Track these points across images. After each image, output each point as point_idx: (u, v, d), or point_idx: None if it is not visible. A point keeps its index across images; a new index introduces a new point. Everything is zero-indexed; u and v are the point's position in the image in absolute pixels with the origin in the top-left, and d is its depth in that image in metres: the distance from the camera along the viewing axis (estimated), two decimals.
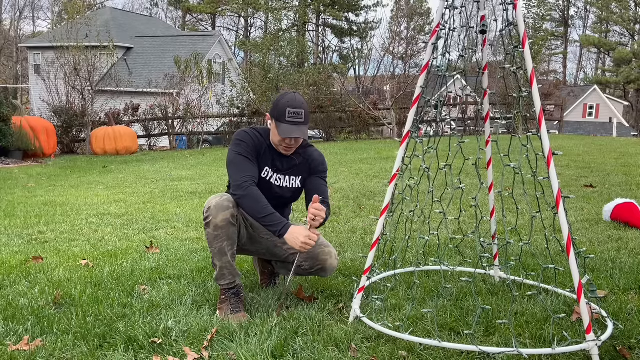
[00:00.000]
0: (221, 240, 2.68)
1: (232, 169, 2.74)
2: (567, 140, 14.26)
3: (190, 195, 6.88)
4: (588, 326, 2.16)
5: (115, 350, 2.31)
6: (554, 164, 2.25)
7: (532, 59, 2.36)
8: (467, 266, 3.34)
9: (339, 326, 2.49)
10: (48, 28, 41.03)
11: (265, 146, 2.82)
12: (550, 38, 49.68)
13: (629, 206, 4.35)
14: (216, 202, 2.69)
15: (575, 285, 2.19)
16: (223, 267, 2.72)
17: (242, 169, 2.71)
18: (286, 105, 2.66)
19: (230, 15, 49.22)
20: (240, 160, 2.73)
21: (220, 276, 2.74)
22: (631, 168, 7.76)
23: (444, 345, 2.23)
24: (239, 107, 18.14)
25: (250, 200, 2.64)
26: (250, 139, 2.78)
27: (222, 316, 2.66)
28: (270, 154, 2.83)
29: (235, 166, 2.73)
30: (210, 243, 2.71)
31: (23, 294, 3.04)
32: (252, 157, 2.76)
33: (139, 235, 4.58)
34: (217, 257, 2.71)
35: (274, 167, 2.84)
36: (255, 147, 2.78)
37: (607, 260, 3.40)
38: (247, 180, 2.68)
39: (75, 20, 17.09)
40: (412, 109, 2.53)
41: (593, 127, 34.93)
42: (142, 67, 27.80)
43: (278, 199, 2.87)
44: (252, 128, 2.88)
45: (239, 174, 2.70)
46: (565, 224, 2.22)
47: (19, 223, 5.25)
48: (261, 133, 2.84)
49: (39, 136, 13.16)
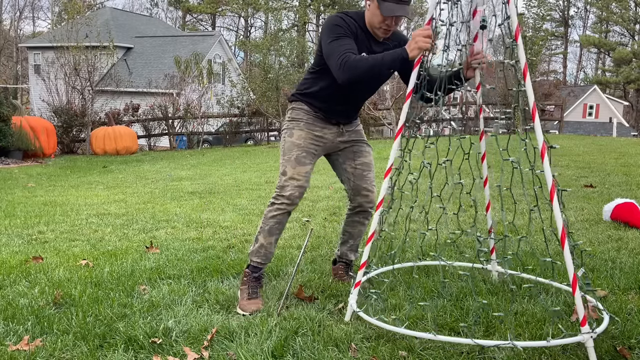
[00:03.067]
0: (276, 221, 2.79)
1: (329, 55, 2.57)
2: (567, 140, 14.26)
3: (190, 195, 6.87)
4: (583, 318, 2.15)
5: (115, 350, 2.31)
6: (548, 157, 2.24)
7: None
8: (465, 262, 3.33)
9: (339, 326, 2.49)
10: (48, 28, 41.03)
11: (359, 30, 2.66)
12: (550, 38, 49.67)
13: (629, 206, 4.34)
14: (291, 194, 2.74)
15: (570, 277, 2.18)
16: (263, 246, 2.83)
17: (341, 48, 2.53)
18: None
19: (230, 15, 49.25)
20: (336, 42, 2.56)
21: (256, 252, 2.85)
22: (631, 168, 7.76)
23: (439, 338, 2.23)
24: (239, 107, 18.14)
25: (360, 65, 2.48)
26: (344, 23, 2.62)
27: (240, 298, 2.77)
28: (367, 38, 2.68)
29: (332, 50, 2.55)
30: (266, 218, 2.81)
31: (23, 294, 3.04)
32: (349, 37, 2.60)
33: (139, 235, 4.58)
34: (264, 235, 2.82)
35: (370, 52, 2.67)
36: (352, 31, 2.63)
37: (607, 260, 3.40)
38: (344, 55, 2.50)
39: (75, 20, 17.08)
40: (406, 103, 2.52)
41: (593, 127, 34.92)
42: (142, 67, 27.80)
43: (366, 87, 2.82)
44: (344, 12, 2.71)
45: (338, 52, 2.52)
46: (559, 216, 2.21)
47: (19, 223, 5.24)
48: (353, 17, 2.68)
49: (39, 136, 13.16)
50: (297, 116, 2.88)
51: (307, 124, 2.85)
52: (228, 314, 2.70)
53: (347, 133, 2.94)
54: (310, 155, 2.84)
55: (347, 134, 2.94)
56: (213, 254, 3.81)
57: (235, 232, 4.58)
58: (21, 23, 49.75)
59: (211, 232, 4.58)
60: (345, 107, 2.87)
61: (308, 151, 2.83)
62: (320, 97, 2.83)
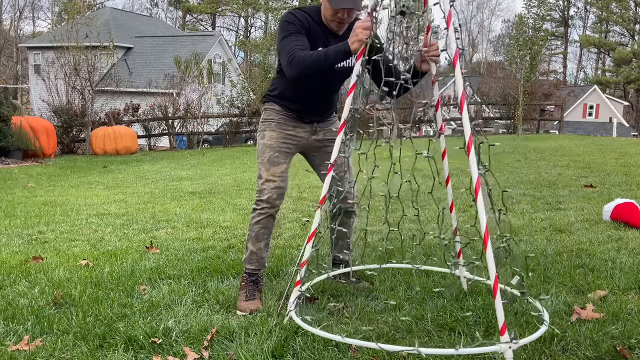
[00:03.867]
0: (260, 227, 2.80)
1: (280, 52, 2.57)
2: (567, 140, 14.26)
3: (190, 195, 6.87)
4: (502, 326, 2.02)
5: (115, 350, 2.31)
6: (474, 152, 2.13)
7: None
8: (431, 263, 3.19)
9: (339, 326, 2.49)
10: (48, 28, 41.02)
11: (315, 25, 2.67)
12: (550, 38, 49.65)
13: (629, 206, 4.34)
14: (269, 197, 2.74)
15: (491, 281, 2.05)
16: (254, 253, 2.85)
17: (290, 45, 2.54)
18: None
19: (230, 15, 49.25)
20: (287, 40, 2.56)
21: (248, 260, 2.87)
22: (631, 168, 7.75)
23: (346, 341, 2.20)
24: (239, 107, 18.13)
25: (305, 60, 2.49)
26: (296, 19, 2.62)
27: (239, 300, 2.79)
28: (322, 33, 2.68)
29: (283, 47, 2.56)
30: (251, 225, 2.82)
31: (23, 294, 3.04)
32: (302, 34, 2.60)
33: (139, 235, 4.58)
34: (252, 241, 2.83)
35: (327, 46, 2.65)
36: (304, 27, 2.62)
37: (607, 260, 3.40)
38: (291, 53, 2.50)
39: (75, 20, 17.06)
40: (349, 97, 2.48)
41: (593, 127, 34.91)
42: (142, 67, 27.79)
43: (330, 82, 2.80)
44: (298, 8, 2.73)
45: (287, 48, 2.53)
46: (483, 215, 2.07)
47: (19, 223, 5.24)
48: (308, 12, 2.69)
49: (39, 136, 13.16)
50: (268, 117, 2.87)
51: (279, 124, 2.84)
52: (228, 314, 2.70)
53: (322, 132, 2.92)
54: (283, 154, 2.82)
55: (322, 132, 2.92)
56: (213, 254, 3.81)
57: (235, 232, 4.58)
58: (21, 23, 49.75)
59: (211, 232, 4.58)
60: (315, 104, 2.85)
61: (280, 151, 2.81)
62: (289, 96, 2.82)
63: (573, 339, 2.31)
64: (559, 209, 5.09)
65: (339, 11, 2.58)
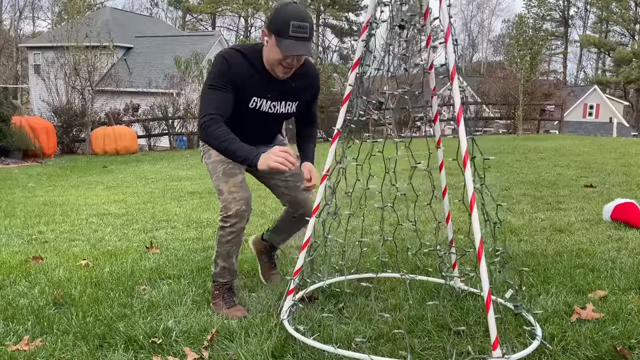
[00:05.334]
0: (231, 245, 2.66)
1: (201, 104, 2.47)
2: (567, 140, 14.27)
3: (190, 195, 6.87)
4: (495, 341, 2.02)
5: (115, 350, 2.31)
6: (470, 166, 2.13)
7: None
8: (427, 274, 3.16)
9: (339, 326, 2.49)
10: (48, 28, 41.02)
11: (253, 72, 2.47)
12: (550, 38, 49.66)
13: (629, 206, 4.34)
14: (237, 210, 2.55)
15: (485, 293, 2.06)
16: (225, 268, 2.74)
17: (209, 104, 2.42)
18: (289, 18, 2.31)
19: (230, 15, 49.25)
20: (209, 93, 2.43)
21: (220, 274, 2.76)
22: (631, 168, 7.75)
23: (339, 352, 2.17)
24: None
25: (213, 138, 2.38)
26: (228, 70, 2.43)
27: (219, 312, 2.68)
28: (261, 79, 2.49)
29: (204, 100, 2.44)
30: (221, 244, 2.67)
31: (23, 294, 3.04)
32: (229, 89, 2.44)
33: (139, 235, 4.58)
34: (223, 258, 2.71)
35: (265, 95, 2.54)
36: (236, 76, 2.44)
37: (607, 260, 3.40)
38: (212, 117, 2.38)
39: (75, 20, 17.06)
40: (343, 107, 2.46)
41: (593, 127, 34.90)
42: (142, 67, 27.78)
43: (267, 126, 2.69)
44: (235, 50, 2.50)
45: (204, 108, 2.42)
46: (477, 229, 2.07)
47: (19, 223, 5.24)
48: (246, 54, 2.48)
49: (39, 136, 13.15)
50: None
51: None
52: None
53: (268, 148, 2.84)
54: (236, 165, 2.62)
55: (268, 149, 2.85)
56: (213, 254, 3.81)
57: None
58: (21, 23, 49.80)
59: (211, 232, 4.58)
60: (252, 140, 2.57)
61: (233, 162, 2.61)
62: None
63: (573, 339, 2.31)
64: (559, 209, 5.09)
65: (288, 57, 2.38)
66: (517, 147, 11.96)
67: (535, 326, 2.33)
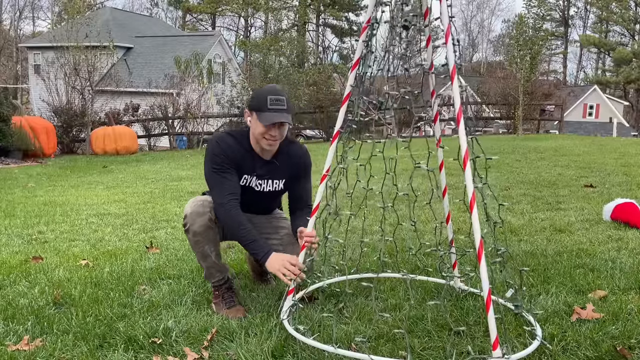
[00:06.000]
0: (202, 245, 2.70)
1: (211, 187, 2.67)
2: (567, 140, 14.27)
3: (190, 195, 6.87)
4: (495, 341, 2.03)
5: (115, 350, 2.32)
6: (470, 166, 2.14)
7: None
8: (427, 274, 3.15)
9: (339, 326, 2.49)
10: (48, 28, 40.99)
11: (243, 152, 2.69)
12: (550, 38, 49.67)
13: (629, 206, 4.34)
14: (192, 209, 2.68)
15: (485, 293, 2.07)
16: (209, 267, 2.77)
17: (221, 187, 2.62)
18: (266, 94, 2.56)
19: (230, 15, 49.25)
20: (217, 177, 2.63)
21: (209, 275, 2.80)
22: (631, 168, 7.76)
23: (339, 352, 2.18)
24: (239, 107, 18.15)
25: (232, 223, 2.59)
26: (221, 151, 2.64)
27: (219, 312, 2.70)
28: (250, 158, 2.71)
29: (214, 184, 2.64)
30: (193, 248, 2.76)
31: (23, 294, 3.04)
32: (231, 168, 2.65)
33: (139, 235, 4.58)
34: (201, 259, 2.76)
35: (253, 173, 2.73)
36: (231, 157, 2.66)
37: (607, 260, 3.40)
38: (229, 200, 2.59)
39: (75, 20, 17.06)
40: (343, 107, 2.49)
41: (593, 127, 34.91)
42: (142, 67, 27.78)
43: (260, 202, 2.85)
44: (226, 133, 2.73)
45: (218, 192, 2.62)
46: (477, 229, 2.09)
47: (19, 223, 5.24)
48: (236, 137, 2.71)
49: (39, 136, 13.15)
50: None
51: None
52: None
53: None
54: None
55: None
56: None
57: None
58: (21, 23, 49.80)
59: None
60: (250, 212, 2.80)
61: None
62: None
63: (573, 339, 2.31)
64: (559, 209, 5.09)
65: (271, 128, 2.58)
66: (517, 147, 11.96)
67: (535, 326, 2.33)
